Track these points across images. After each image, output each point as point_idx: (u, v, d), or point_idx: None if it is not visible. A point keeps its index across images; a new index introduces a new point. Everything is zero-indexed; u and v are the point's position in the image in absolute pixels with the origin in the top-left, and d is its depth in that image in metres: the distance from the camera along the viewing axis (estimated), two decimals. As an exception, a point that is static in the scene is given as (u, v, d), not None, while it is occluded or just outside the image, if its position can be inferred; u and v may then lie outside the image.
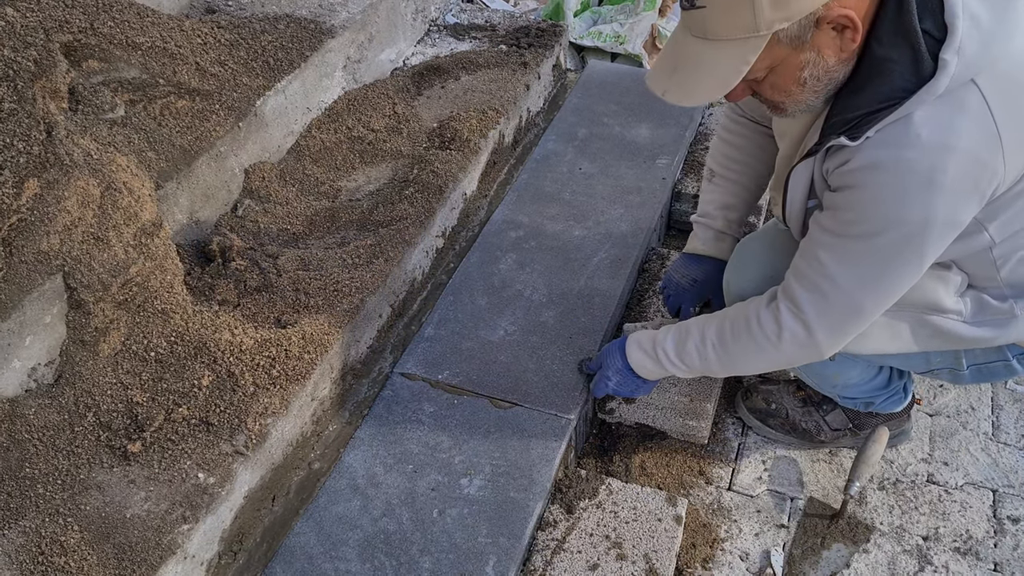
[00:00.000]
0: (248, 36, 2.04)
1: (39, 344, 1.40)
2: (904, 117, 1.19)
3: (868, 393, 1.75)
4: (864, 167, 1.23)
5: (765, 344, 1.47)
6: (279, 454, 1.51)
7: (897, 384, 1.78)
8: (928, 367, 1.65)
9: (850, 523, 1.75)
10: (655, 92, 1.28)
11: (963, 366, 1.60)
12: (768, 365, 1.55)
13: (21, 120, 1.35)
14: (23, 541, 1.24)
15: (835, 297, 1.36)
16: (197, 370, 1.48)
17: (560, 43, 2.68)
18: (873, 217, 1.26)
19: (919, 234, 1.25)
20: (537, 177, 2.36)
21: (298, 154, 2.12)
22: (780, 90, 1.27)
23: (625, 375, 1.70)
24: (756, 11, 1.12)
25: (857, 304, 1.36)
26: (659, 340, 1.63)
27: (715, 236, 1.85)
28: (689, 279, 1.88)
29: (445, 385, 1.78)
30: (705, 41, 1.20)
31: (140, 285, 1.51)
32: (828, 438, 1.87)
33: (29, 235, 1.35)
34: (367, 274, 1.75)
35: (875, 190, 1.24)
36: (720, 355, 1.54)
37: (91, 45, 1.66)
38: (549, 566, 1.53)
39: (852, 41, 1.19)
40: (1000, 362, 1.57)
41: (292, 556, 1.49)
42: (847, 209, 1.29)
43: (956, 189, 1.21)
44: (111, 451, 1.38)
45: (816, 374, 1.73)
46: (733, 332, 1.52)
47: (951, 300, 1.47)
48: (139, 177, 1.55)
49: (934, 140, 1.18)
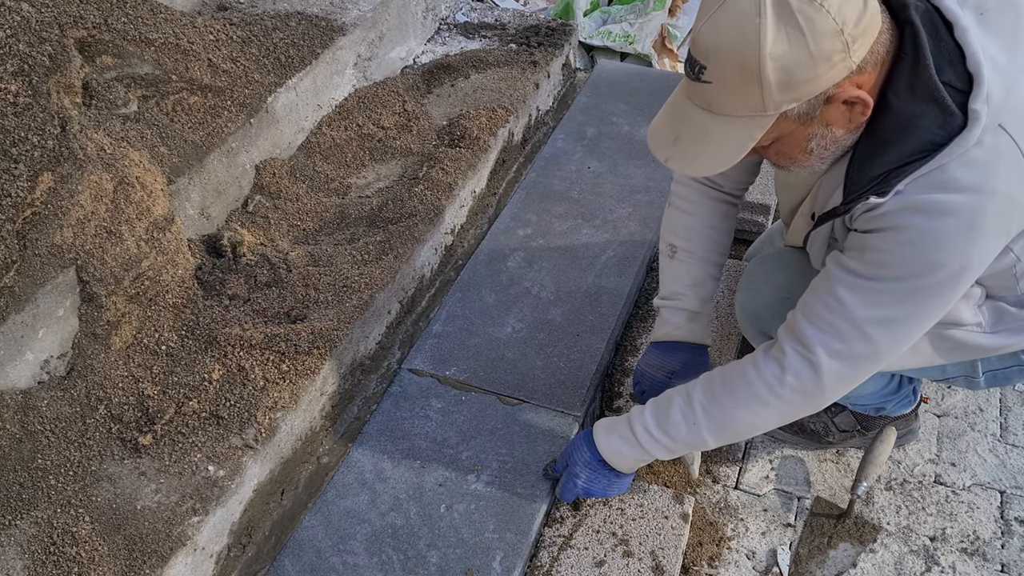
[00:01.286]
0: (260, 33, 2.05)
1: (52, 337, 1.42)
2: (939, 167, 1.16)
3: (879, 399, 1.75)
4: (901, 209, 1.19)
5: (763, 391, 1.37)
6: (288, 448, 1.52)
7: (907, 388, 1.77)
8: (944, 376, 1.65)
9: (857, 523, 1.75)
10: (657, 156, 1.25)
11: (979, 373, 1.59)
12: (763, 421, 1.43)
13: (36, 114, 1.36)
14: (35, 531, 1.25)
15: (852, 339, 1.30)
16: (207, 364, 1.49)
17: (570, 42, 2.69)
18: (909, 260, 1.23)
19: (955, 277, 1.23)
20: (546, 175, 2.36)
21: (309, 151, 2.13)
22: (785, 156, 1.26)
23: (596, 469, 1.54)
24: (764, 94, 1.10)
25: (875, 347, 1.31)
26: (635, 418, 1.50)
27: (688, 317, 1.69)
28: (665, 372, 1.69)
29: (453, 381, 1.78)
30: (710, 114, 1.17)
31: (152, 279, 1.52)
32: (836, 439, 1.86)
33: (43, 228, 1.37)
34: (376, 270, 1.76)
35: (913, 233, 1.20)
36: (710, 414, 1.42)
37: (105, 41, 1.68)
38: (556, 562, 1.54)
39: (862, 115, 1.17)
40: (1015, 367, 1.56)
41: (301, 549, 1.50)
42: (879, 251, 1.24)
43: (993, 232, 1.20)
44: (122, 443, 1.39)
45: None
46: (725, 385, 1.41)
47: (970, 313, 1.46)
48: (151, 172, 1.56)
49: (974, 184, 1.16)
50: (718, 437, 1.46)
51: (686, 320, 1.68)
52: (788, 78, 1.08)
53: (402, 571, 1.46)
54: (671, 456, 1.51)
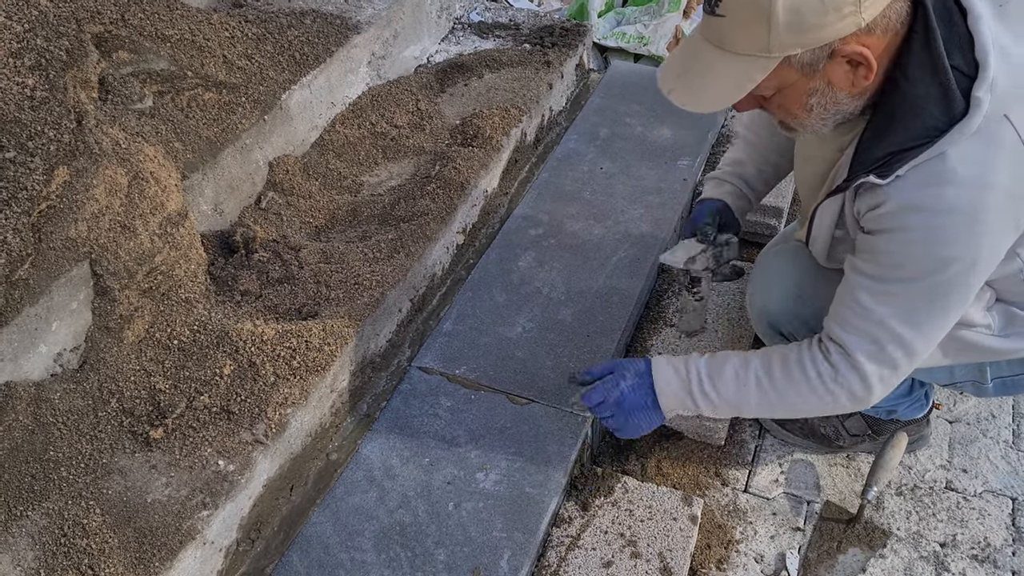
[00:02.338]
0: (275, 30, 2.06)
1: (65, 329, 1.42)
2: (938, 156, 1.17)
3: (890, 402, 1.74)
4: (902, 209, 1.21)
5: (817, 384, 1.40)
6: (298, 444, 1.53)
7: (919, 392, 1.77)
8: (951, 380, 1.64)
9: (867, 528, 1.74)
10: (662, 89, 1.28)
11: (987, 379, 1.59)
12: (808, 408, 1.47)
13: (52, 109, 1.37)
14: (46, 523, 1.26)
15: (885, 341, 1.32)
16: (219, 359, 1.49)
17: (584, 43, 2.69)
18: (919, 259, 1.24)
19: (967, 272, 1.24)
20: (558, 176, 2.36)
21: (322, 148, 2.14)
22: (786, 112, 1.27)
23: (643, 382, 1.52)
24: (771, 32, 1.11)
25: (908, 347, 1.33)
26: (691, 360, 1.51)
27: (716, 184, 1.82)
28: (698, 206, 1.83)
29: (462, 380, 1.79)
30: (719, 50, 1.19)
31: (165, 274, 1.53)
32: (847, 443, 1.86)
33: (58, 222, 1.37)
34: (388, 268, 1.76)
35: (918, 232, 1.22)
36: (762, 386, 1.44)
37: (122, 36, 1.69)
38: (563, 562, 1.53)
39: (865, 79, 1.17)
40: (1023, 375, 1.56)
41: (309, 545, 1.50)
42: (888, 253, 1.26)
43: (998, 225, 1.20)
44: (133, 437, 1.40)
45: None
46: (784, 366, 1.43)
47: (980, 315, 1.46)
48: (166, 167, 1.57)
49: (972, 178, 1.16)
50: (760, 408, 1.48)
51: (714, 186, 1.83)
52: (797, 20, 1.10)
53: (410, 568, 1.46)
54: (707, 412, 1.51)
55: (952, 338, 1.47)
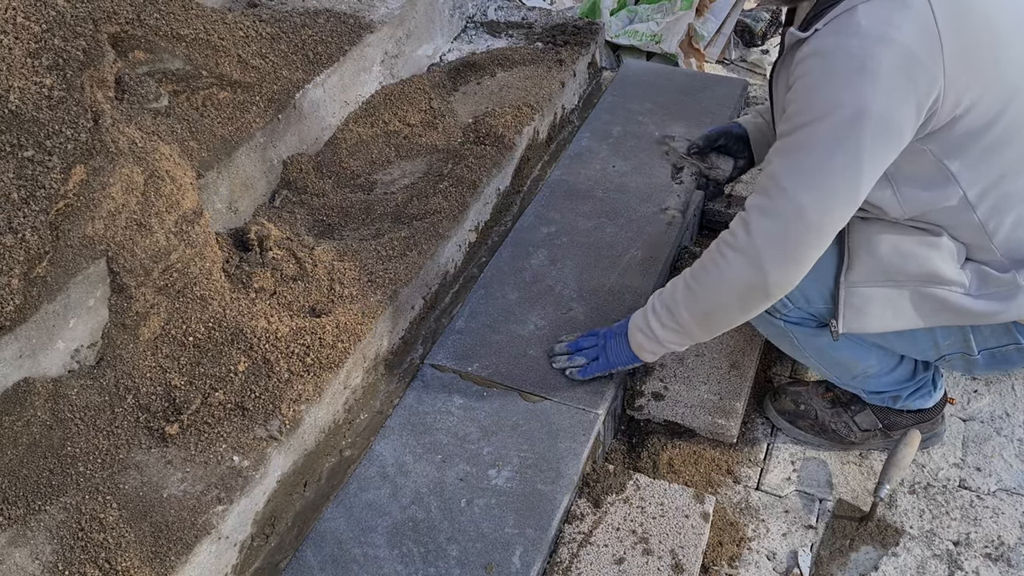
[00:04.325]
0: (289, 30, 2.07)
1: (82, 326, 1.44)
2: (849, 10, 1.25)
3: (893, 386, 1.75)
4: (807, 55, 1.30)
5: (714, 251, 1.47)
6: (311, 440, 1.54)
7: (924, 376, 1.76)
8: (937, 352, 1.63)
9: (879, 526, 1.74)
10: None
11: (974, 350, 1.58)
12: (719, 292, 1.48)
13: (70, 108, 1.39)
14: (64, 517, 1.27)
15: (773, 193, 1.36)
16: (234, 356, 1.51)
17: (596, 41, 2.69)
18: (809, 104, 1.30)
19: (853, 123, 1.26)
20: (570, 174, 2.36)
21: (335, 147, 2.15)
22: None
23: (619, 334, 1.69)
24: None
25: (794, 201, 1.33)
26: (656, 292, 1.65)
27: (745, 113, 2.01)
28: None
29: (475, 377, 1.79)
30: None
31: (180, 271, 1.54)
32: (858, 439, 1.85)
33: (75, 220, 1.39)
34: (401, 266, 1.77)
35: (813, 77, 1.29)
36: (688, 288, 1.53)
37: (137, 36, 1.70)
38: (575, 559, 1.54)
39: None
40: (1012, 345, 1.54)
41: (323, 540, 1.52)
42: (792, 102, 1.34)
43: (890, 80, 1.24)
44: (149, 432, 1.41)
45: (832, 363, 1.72)
46: (703, 258, 1.52)
47: (951, 270, 1.47)
48: (181, 166, 1.58)
49: (873, 30, 1.23)
50: (691, 308, 1.54)
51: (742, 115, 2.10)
52: None
53: (422, 564, 1.47)
54: (671, 342, 1.62)
55: (924, 296, 1.49)
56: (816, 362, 1.75)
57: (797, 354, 1.77)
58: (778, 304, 1.62)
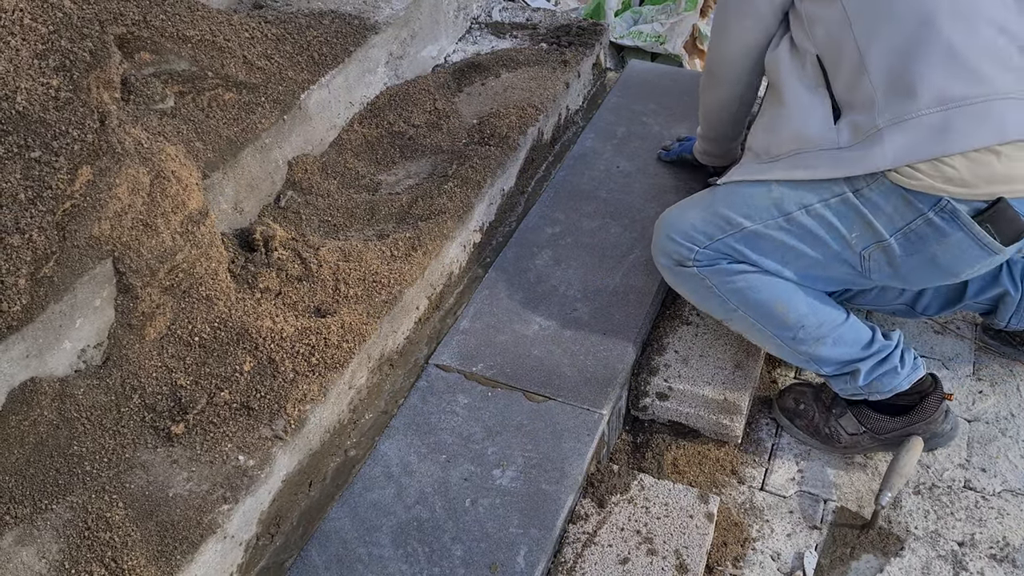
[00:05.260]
0: (294, 31, 2.08)
1: (89, 326, 1.45)
2: None
3: (845, 355, 1.70)
4: None
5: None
6: (316, 440, 1.54)
7: (882, 345, 1.71)
8: (852, 250, 1.59)
9: (881, 535, 1.72)
10: None
11: (884, 235, 1.53)
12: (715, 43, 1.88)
13: (76, 109, 1.39)
14: (70, 516, 1.28)
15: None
16: (239, 356, 1.51)
17: (601, 42, 2.69)
18: None
19: None
20: (574, 174, 2.37)
21: (340, 148, 2.15)
22: None
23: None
24: None
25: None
26: None
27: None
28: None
29: (479, 377, 1.80)
30: None
31: (186, 272, 1.55)
32: (847, 443, 1.84)
33: (82, 220, 1.40)
34: (406, 266, 1.78)
35: None
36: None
37: (144, 37, 1.71)
38: (580, 559, 1.54)
39: None
40: (919, 219, 1.49)
41: (328, 540, 1.52)
42: None
43: None
44: (155, 432, 1.42)
45: (763, 313, 1.69)
46: None
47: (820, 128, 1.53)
48: (187, 167, 1.59)
49: None
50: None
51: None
52: None
53: (427, 564, 1.47)
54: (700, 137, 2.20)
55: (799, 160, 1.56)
56: (748, 317, 1.71)
57: (727, 313, 1.73)
58: (684, 251, 1.69)
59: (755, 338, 1.78)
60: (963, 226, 1.47)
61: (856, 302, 2.04)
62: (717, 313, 1.77)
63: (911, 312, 2.04)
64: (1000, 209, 1.45)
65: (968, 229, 1.47)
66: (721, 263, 1.67)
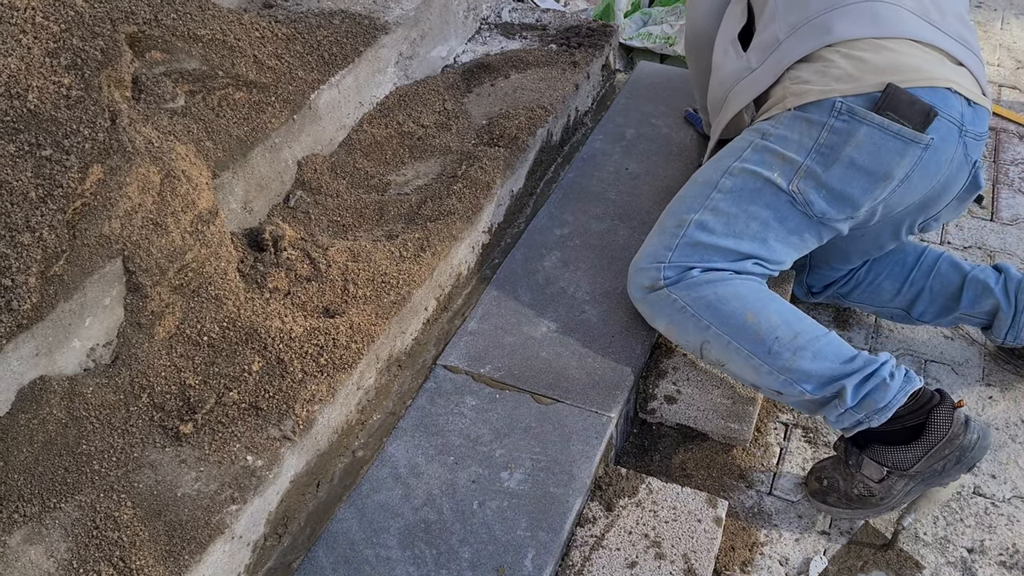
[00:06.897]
0: (304, 31, 2.08)
1: (98, 325, 1.45)
2: None
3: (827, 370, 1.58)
4: None
5: None
6: (324, 441, 1.54)
7: (868, 360, 1.59)
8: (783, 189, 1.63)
9: (899, 556, 1.70)
10: None
11: (798, 160, 1.61)
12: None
13: (87, 107, 1.39)
14: (79, 515, 1.28)
15: None
16: (248, 356, 1.51)
17: (610, 43, 2.68)
18: None
19: None
20: (583, 176, 2.36)
21: (349, 148, 2.15)
22: None
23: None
24: None
25: None
26: None
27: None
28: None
29: (487, 379, 1.79)
30: None
31: (195, 271, 1.55)
32: (881, 493, 1.64)
33: (92, 219, 1.40)
34: (414, 267, 1.77)
35: None
36: None
37: (155, 36, 1.71)
38: (587, 562, 1.54)
39: None
40: (823, 131, 1.58)
41: (335, 541, 1.52)
42: None
43: None
44: (164, 431, 1.42)
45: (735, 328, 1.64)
46: None
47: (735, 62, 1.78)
48: (197, 166, 1.59)
49: None
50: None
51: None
52: None
53: (434, 566, 1.47)
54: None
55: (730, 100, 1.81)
56: (723, 335, 1.65)
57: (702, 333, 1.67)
58: (653, 272, 1.75)
59: (735, 365, 1.69)
60: (863, 120, 1.54)
61: (853, 298, 2.08)
62: (694, 338, 1.71)
63: (907, 317, 2.06)
64: (892, 93, 1.51)
65: (869, 121, 1.54)
66: (690, 274, 1.69)
